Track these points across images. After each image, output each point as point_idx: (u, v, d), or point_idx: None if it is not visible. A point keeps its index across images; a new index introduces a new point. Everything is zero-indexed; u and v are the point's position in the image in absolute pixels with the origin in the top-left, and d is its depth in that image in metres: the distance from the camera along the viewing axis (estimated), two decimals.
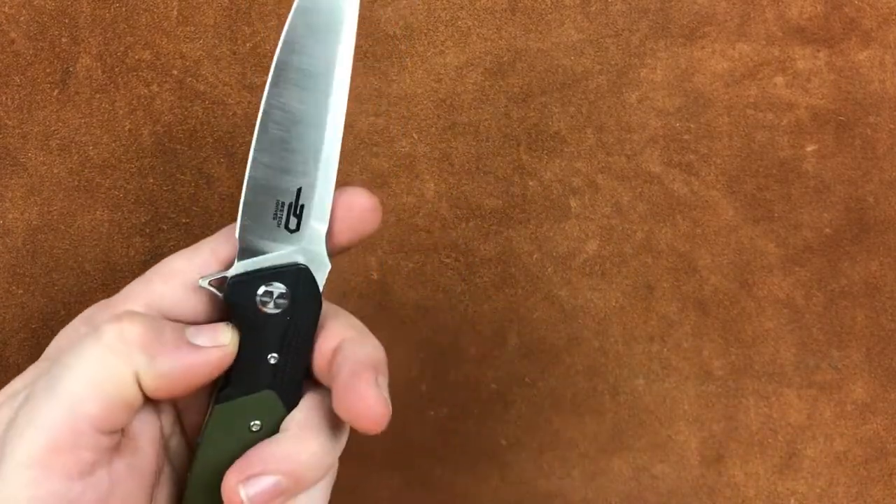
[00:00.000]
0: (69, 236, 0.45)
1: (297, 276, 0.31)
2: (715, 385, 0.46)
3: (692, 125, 0.45)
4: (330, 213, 0.31)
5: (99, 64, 0.44)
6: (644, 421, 0.47)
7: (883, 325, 0.46)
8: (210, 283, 0.31)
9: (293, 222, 0.31)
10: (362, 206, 0.32)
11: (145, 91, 0.44)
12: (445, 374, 0.47)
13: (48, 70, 0.44)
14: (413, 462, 0.48)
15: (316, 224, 0.31)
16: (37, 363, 0.31)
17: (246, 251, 0.31)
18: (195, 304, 0.32)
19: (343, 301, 0.46)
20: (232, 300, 0.31)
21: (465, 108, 0.45)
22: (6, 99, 0.44)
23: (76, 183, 0.45)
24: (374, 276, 0.46)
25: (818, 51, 0.44)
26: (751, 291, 0.46)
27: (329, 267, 0.32)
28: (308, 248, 0.31)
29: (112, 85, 0.44)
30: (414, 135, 0.45)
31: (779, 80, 0.44)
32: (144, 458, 0.30)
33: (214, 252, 0.32)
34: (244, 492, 0.30)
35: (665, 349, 0.46)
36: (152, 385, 0.29)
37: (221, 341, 0.31)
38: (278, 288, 0.31)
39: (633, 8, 0.44)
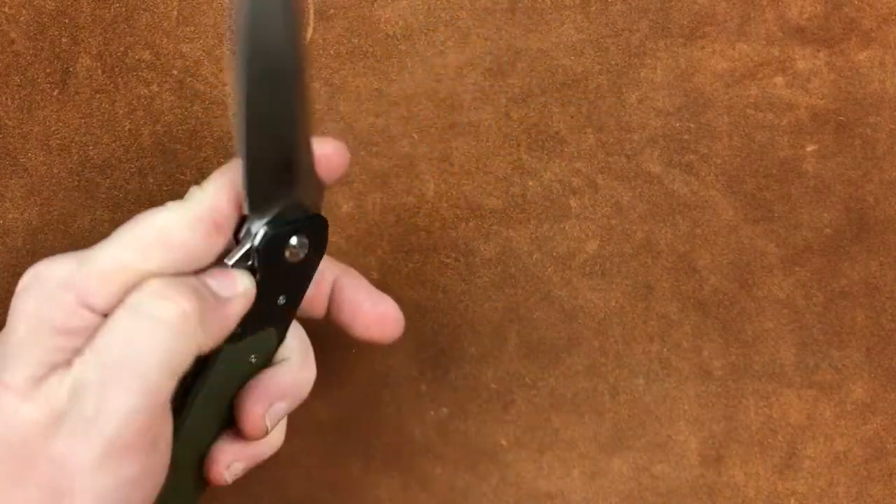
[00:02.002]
0: (69, 236, 0.45)
1: (320, 228, 0.34)
2: (715, 385, 0.46)
3: (692, 125, 0.45)
4: (313, 167, 0.32)
5: (99, 64, 0.44)
6: (644, 421, 0.47)
7: (883, 325, 0.46)
8: (237, 259, 0.32)
9: (287, 176, 0.32)
10: (330, 154, 0.33)
11: (145, 91, 0.44)
12: (445, 374, 0.47)
13: (48, 70, 0.44)
14: (413, 462, 0.48)
15: (307, 168, 0.32)
16: (23, 322, 0.30)
17: (254, 206, 0.31)
18: (197, 246, 0.31)
19: None
20: (264, 261, 0.32)
21: (465, 108, 0.45)
22: (6, 99, 0.44)
23: (76, 183, 0.45)
24: (374, 276, 0.46)
25: (818, 51, 0.44)
26: (751, 291, 0.46)
27: (323, 195, 0.34)
28: (308, 192, 0.33)
29: (112, 85, 0.44)
30: (414, 135, 0.45)
31: (779, 80, 0.44)
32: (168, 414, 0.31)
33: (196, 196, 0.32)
34: (268, 419, 0.34)
35: (665, 349, 0.46)
36: (207, 349, 0.30)
37: (242, 288, 0.31)
38: (302, 239, 0.33)
39: (633, 8, 0.44)
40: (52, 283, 0.30)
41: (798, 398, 0.46)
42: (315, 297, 0.37)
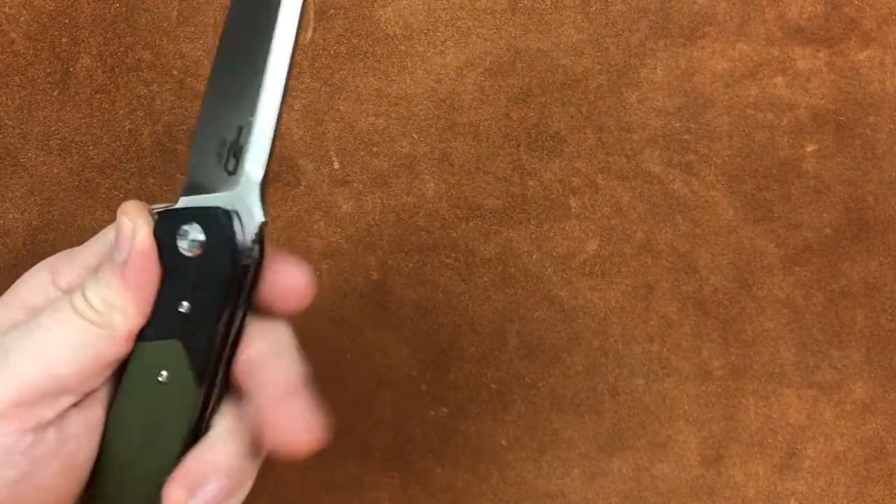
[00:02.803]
0: (69, 236, 0.45)
1: (214, 220, 0.30)
2: (715, 385, 0.46)
3: (692, 125, 0.45)
4: (266, 162, 0.30)
5: (99, 64, 0.44)
6: (644, 421, 0.47)
7: (883, 325, 0.46)
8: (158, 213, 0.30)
9: (231, 163, 0.30)
10: (295, 282, 0.30)
11: (145, 91, 0.44)
12: (445, 374, 0.47)
13: (48, 70, 0.44)
14: (413, 462, 0.48)
15: (252, 169, 0.29)
16: (5, 296, 0.31)
17: (190, 187, 0.30)
18: None
19: (343, 301, 0.46)
20: (157, 235, 0.30)
21: (465, 108, 0.45)
22: (6, 99, 0.44)
23: (76, 183, 0.45)
24: (374, 276, 0.46)
25: (818, 51, 0.44)
26: (751, 291, 0.46)
27: (262, 220, 0.30)
28: (241, 194, 0.30)
29: (112, 85, 0.44)
30: (414, 135, 0.45)
31: (779, 80, 0.44)
32: (98, 412, 0.30)
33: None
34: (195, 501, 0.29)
35: (665, 349, 0.46)
36: (132, 323, 0.29)
37: (128, 229, 0.29)
38: (195, 230, 0.29)
39: (633, 8, 0.44)
40: (40, 265, 0.31)
41: (798, 398, 0.46)
42: (239, 365, 0.31)
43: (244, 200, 0.30)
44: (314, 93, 0.45)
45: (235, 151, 0.30)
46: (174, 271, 0.30)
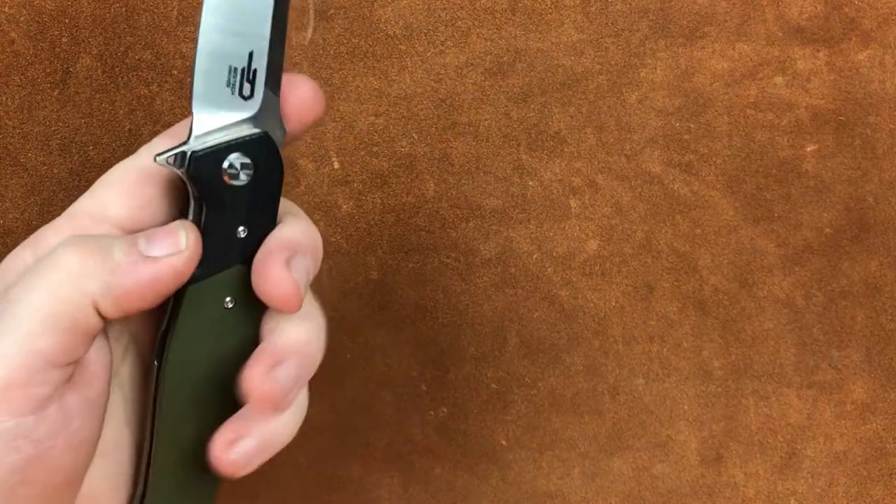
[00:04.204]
0: None
1: (259, 144, 0.30)
2: (715, 385, 0.46)
3: (692, 125, 0.45)
4: (281, 80, 0.30)
5: (99, 64, 0.44)
6: (644, 421, 0.47)
7: (883, 325, 0.46)
8: (168, 161, 0.29)
9: (247, 89, 0.30)
10: (305, 94, 0.31)
11: (145, 91, 0.44)
12: (445, 374, 0.47)
13: (48, 70, 0.44)
14: (413, 462, 0.48)
15: (271, 90, 0.30)
16: None
17: (201, 123, 0.29)
18: (148, 204, 0.30)
19: (343, 301, 0.46)
20: (196, 176, 0.29)
21: (465, 108, 0.45)
22: (6, 99, 0.44)
23: (76, 183, 0.45)
24: (374, 276, 0.46)
25: (818, 51, 0.44)
26: (751, 291, 0.46)
27: (285, 131, 0.31)
28: (264, 114, 0.30)
29: (112, 85, 0.44)
30: (414, 135, 0.45)
31: (779, 80, 0.44)
32: (97, 388, 0.30)
33: (154, 152, 0.31)
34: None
35: (665, 349, 0.46)
36: (112, 308, 0.28)
37: (180, 247, 0.29)
38: (242, 159, 0.30)
39: (633, 8, 0.44)
40: (20, 247, 0.31)
41: (798, 398, 0.46)
42: None
43: (268, 119, 0.30)
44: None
45: (249, 77, 0.30)
46: (222, 204, 0.30)
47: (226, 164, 0.30)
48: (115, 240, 0.29)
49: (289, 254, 0.31)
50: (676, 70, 0.44)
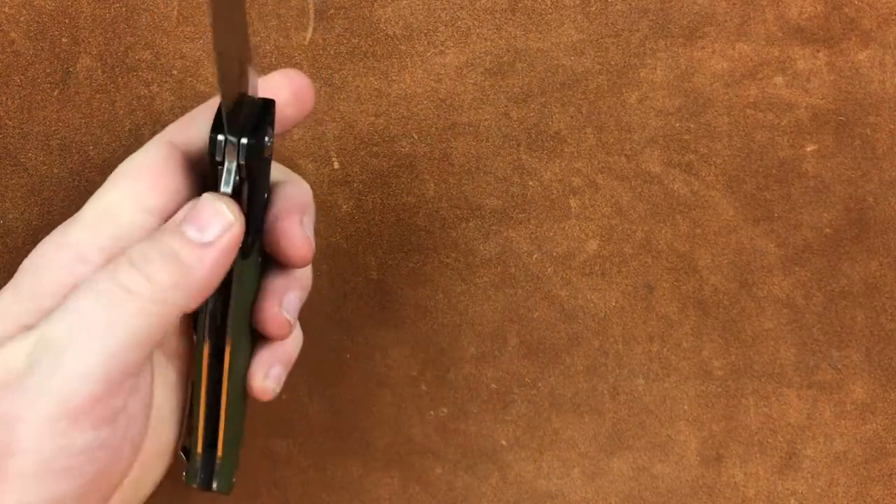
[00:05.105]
0: None
1: (271, 109, 0.32)
2: (715, 385, 0.46)
3: (692, 125, 0.45)
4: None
5: (99, 64, 0.44)
6: (644, 421, 0.47)
7: (883, 325, 0.46)
8: (226, 154, 0.30)
9: (243, 70, 0.31)
10: (298, 86, 0.33)
11: (145, 91, 0.44)
12: (445, 374, 0.47)
13: (48, 70, 0.44)
14: (413, 462, 0.48)
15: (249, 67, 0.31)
16: (11, 288, 0.30)
17: (232, 102, 0.30)
18: (177, 190, 0.31)
19: (343, 301, 0.46)
20: (249, 159, 0.30)
21: (465, 108, 0.45)
22: (6, 99, 0.44)
23: (76, 183, 0.45)
24: (373, 276, 0.46)
25: (818, 51, 0.44)
26: (751, 291, 0.46)
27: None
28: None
29: (112, 85, 0.44)
30: (414, 135, 0.45)
31: (779, 80, 0.44)
32: (148, 388, 0.30)
33: (172, 142, 0.31)
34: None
35: (665, 349, 0.46)
36: (193, 306, 0.29)
37: (228, 221, 0.30)
38: (271, 132, 0.32)
39: (633, 8, 0.44)
40: (46, 248, 0.30)
41: (798, 398, 0.46)
42: None
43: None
44: (314, 93, 0.45)
45: (242, 61, 0.31)
46: (263, 175, 0.32)
47: (266, 141, 0.31)
48: (168, 240, 0.29)
49: (300, 215, 0.33)
50: (676, 70, 0.44)
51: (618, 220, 0.45)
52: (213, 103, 0.33)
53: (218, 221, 0.29)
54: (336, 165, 0.45)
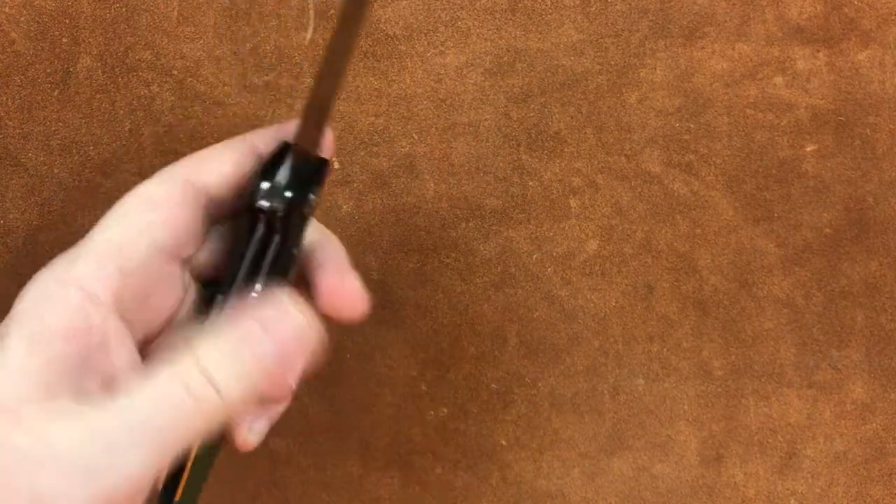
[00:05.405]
0: (70, 236, 0.45)
1: (324, 169, 0.32)
2: (715, 385, 0.46)
3: (692, 125, 0.45)
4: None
5: (99, 64, 0.44)
6: (644, 421, 0.47)
7: (883, 325, 0.46)
8: (270, 207, 0.30)
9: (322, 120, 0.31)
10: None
11: (145, 91, 0.44)
12: (445, 374, 0.47)
13: (48, 70, 0.44)
14: (413, 461, 0.48)
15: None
16: (16, 331, 0.28)
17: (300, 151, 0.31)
18: (187, 219, 0.30)
19: None
20: (286, 225, 0.30)
21: (465, 108, 0.45)
22: (6, 99, 0.44)
23: (76, 183, 0.45)
24: (374, 276, 0.46)
25: (818, 51, 0.44)
26: (751, 291, 0.46)
27: None
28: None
29: (112, 85, 0.44)
30: (414, 135, 0.45)
31: (778, 80, 0.44)
32: None
33: (189, 179, 0.31)
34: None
35: (665, 349, 0.46)
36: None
37: (311, 349, 0.30)
38: (319, 191, 0.31)
39: (633, 8, 0.44)
40: (49, 284, 0.28)
41: (798, 398, 0.46)
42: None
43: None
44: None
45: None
46: (299, 231, 0.31)
47: (311, 199, 0.31)
48: (248, 363, 0.28)
49: (352, 272, 0.33)
50: (676, 70, 0.44)
51: (618, 220, 0.45)
52: (237, 143, 0.32)
53: (301, 349, 0.29)
54: (336, 165, 0.45)
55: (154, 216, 0.30)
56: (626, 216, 0.45)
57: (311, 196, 0.31)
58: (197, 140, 0.45)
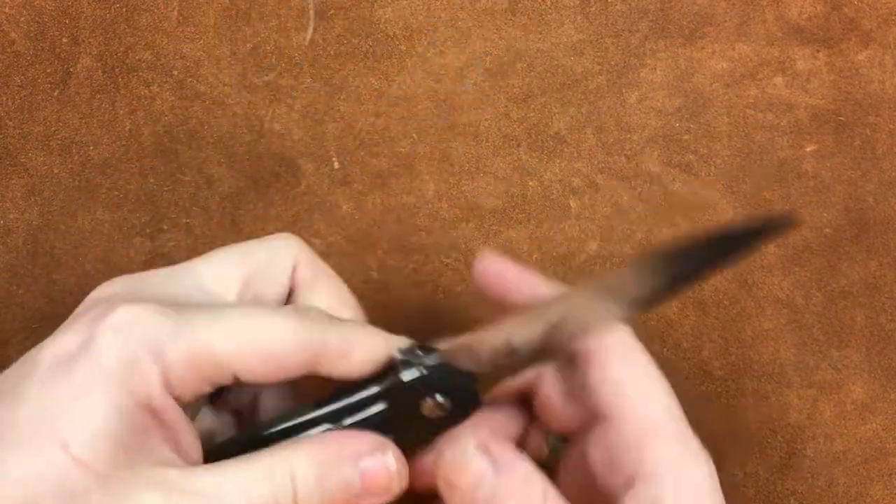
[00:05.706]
0: (69, 236, 0.45)
1: (466, 389, 0.32)
2: (715, 385, 0.46)
3: (692, 125, 0.45)
4: None
5: (99, 64, 0.44)
6: None
7: (883, 325, 0.46)
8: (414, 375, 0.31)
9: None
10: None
11: (145, 91, 0.44)
12: None
13: (48, 70, 0.44)
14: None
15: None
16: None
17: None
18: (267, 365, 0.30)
19: None
20: (400, 394, 0.30)
21: (465, 108, 0.45)
22: (6, 99, 0.44)
23: (76, 183, 0.45)
24: (374, 276, 0.46)
25: (818, 51, 0.44)
26: (751, 291, 0.46)
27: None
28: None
29: (112, 85, 0.44)
30: (414, 135, 0.45)
31: (778, 80, 0.44)
32: None
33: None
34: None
35: (665, 349, 0.46)
36: None
37: (388, 483, 0.30)
38: (442, 396, 0.31)
39: (633, 8, 0.44)
40: (141, 344, 0.27)
41: (798, 398, 0.46)
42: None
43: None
44: (314, 93, 0.45)
45: None
46: (410, 428, 0.31)
47: (426, 402, 0.31)
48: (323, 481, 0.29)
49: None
50: (676, 70, 0.44)
51: (618, 220, 0.45)
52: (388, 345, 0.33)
53: (379, 483, 0.30)
54: (336, 165, 0.45)
55: (260, 348, 0.29)
56: (626, 216, 0.45)
57: (428, 401, 0.31)
58: (197, 140, 0.45)
